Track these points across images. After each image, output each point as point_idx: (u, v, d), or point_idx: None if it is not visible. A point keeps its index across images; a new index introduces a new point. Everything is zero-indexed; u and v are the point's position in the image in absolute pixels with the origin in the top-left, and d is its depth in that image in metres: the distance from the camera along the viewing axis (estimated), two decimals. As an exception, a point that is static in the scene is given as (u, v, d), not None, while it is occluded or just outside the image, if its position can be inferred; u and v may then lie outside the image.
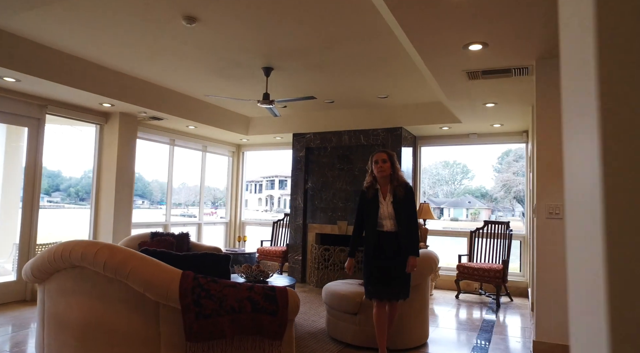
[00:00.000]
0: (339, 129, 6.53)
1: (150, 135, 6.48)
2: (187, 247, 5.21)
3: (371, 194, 3.19)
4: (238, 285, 2.41)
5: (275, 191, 23.32)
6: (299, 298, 2.52)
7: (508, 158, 22.58)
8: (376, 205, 3.15)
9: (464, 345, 3.76)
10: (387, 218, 3.12)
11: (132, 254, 2.47)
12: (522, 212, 21.77)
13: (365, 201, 3.23)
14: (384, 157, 3.18)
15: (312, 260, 6.53)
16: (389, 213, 3.12)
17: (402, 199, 3.11)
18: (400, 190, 3.13)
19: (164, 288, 2.31)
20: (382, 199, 3.16)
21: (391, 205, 3.12)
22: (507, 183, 22.65)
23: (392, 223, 3.11)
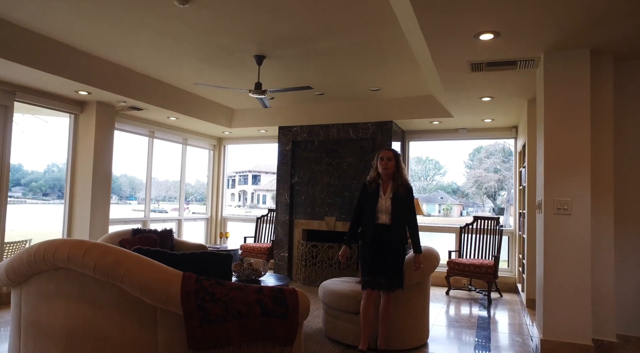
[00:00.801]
0: (327, 123, 6.36)
1: (128, 126, 6.12)
2: (171, 244, 4.94)
3: (372, 188, 3.31)
4: (245, 287, 2.22)
5: (248, 186, 22.98)
6: (308, 299, 2.36)
7: (479, 155, 23.06)
8: (375, 199, 3.26)
9: (465, 343, 3.69)
10: (384, 212, 3.23)
11: (126, 254, 2.23)
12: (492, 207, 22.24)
13: (366, 194, 3.32)
14: (389, 155, 3.29)
15: (299, 256, 6.36)
16: (386, 208, 3.23)
17: (402, 198, 3.23)
18: (402, 190, 3.25)
19: (163, 292, 2.09)
20: (382, 194, 3.26)
21: (389, 201, 3.23)
22: (478, 179, 23.10)
23: (387, 217, 3.22)
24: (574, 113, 3.06)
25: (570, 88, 3.08)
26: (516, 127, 6.08)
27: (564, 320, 2.97)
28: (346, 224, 6.16)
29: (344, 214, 6.22)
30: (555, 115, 3.11)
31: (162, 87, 5.48)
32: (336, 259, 5.98)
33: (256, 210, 20.03)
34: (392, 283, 3.16)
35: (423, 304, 3.54)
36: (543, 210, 3.12)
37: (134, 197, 13.76)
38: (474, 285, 5.85)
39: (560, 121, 3.09)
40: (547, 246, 3.06)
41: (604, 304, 3.05)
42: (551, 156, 3.10)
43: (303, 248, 6.28)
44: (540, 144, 3.30)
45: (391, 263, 3.17)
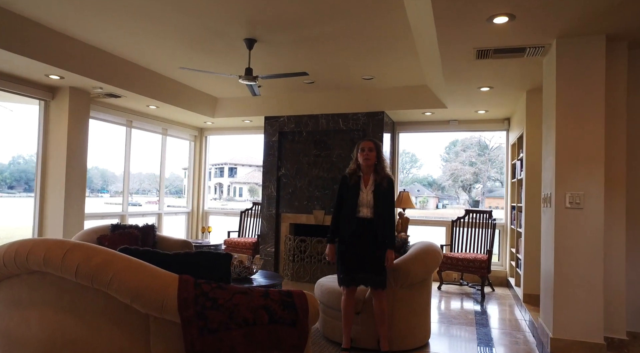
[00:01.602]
0: (316, 113, 6.13)
1: (104, 115, 5.71)
2: (153, 241, 4.62)
3: (353, 181, 3.16)
4: (250, 291, 1.99)
5: (224, 178, 22.52)
6: (318, 303, 2.15)
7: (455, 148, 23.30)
8: (356, 192, 3.12)
9: (467, 341, 3.58)
10: (366, 205, 3.10)
11: (114, 255, 1.96)
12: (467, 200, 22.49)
13: (346, 188, 3.18)
14: (370, 146, 3.15)
15: (286, 252, 6.14)
16: (368, 201, 3.10)
17: (384, 191, 3.10)
18: (384, 183, 3.12)
19: (158, 298, 1.84)
20: (363, 187, 3.13)
21: (371, 194, 3.10)
22: (454, 172, 23.32)
23: (369, 211, 3.09)
24: (587, 103, 2.94)
25: (584, 76, 2.95)
26: (508, 119, 6.01)
27: (576, 318, 2.88)
28: (336, 218, 5.97)
29: (333, 208, 6.01)
30: (568, 105, 2.98)
31: (142, 73, 5.11)
32: (324, 255, 5.79)
33: (233, 203, 19.62)
34: (374, 280, 3.01)
35: (426, 302, 3.40)
36: (554, 204, 3.00)
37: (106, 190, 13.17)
38: (466, 279, 5.79)
39: (573, 111, 2.96)
40: (558, 242, 2.95)
41: (614, 301, 2.97)
42: (563, 148, 2.98)
43: (291, 243, 6.06)
44: (550, 136, 3.18)
45: (373, 258, 3.03)
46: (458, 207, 21.36)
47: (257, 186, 20.37)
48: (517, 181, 5.20)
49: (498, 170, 19.84)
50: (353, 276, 3.06)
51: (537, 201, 4.37)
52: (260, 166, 18.30)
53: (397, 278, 3.14)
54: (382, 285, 3.02)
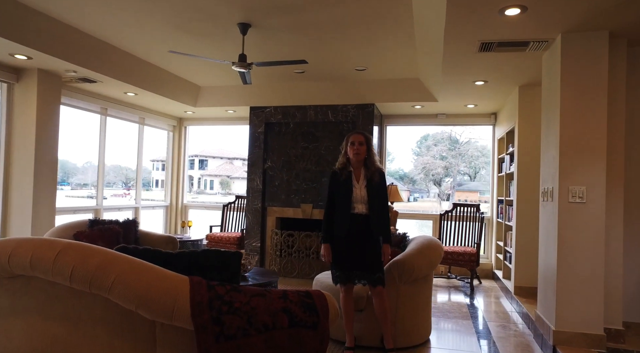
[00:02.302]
0: (304, 104, 5.95)
1: (76, 101, 5.32)
2: (135, 237, 4.35)
3: (344, 176, 3.02)
4: (268, 293, 1.83)
5: (195, 171, 21.99)
6: (336, 304, 2.01)
7: (427, 142, 23.71)
8: (349, 187, 3.00)
9: (466, 335, 3.55)
10: (360, 201, 2.99)
11: (113, 256, 1.75)
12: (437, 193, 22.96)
13: (337, 183, 3.04)
14: (361, 139, 3.02)
15: (273, 246, 5.97)
16: (362, 197, 2.98)
17: (376, 185, 3.00)
18: (376, 176, 3.03)
19: (168, 303, 1.65)
20: (356, 182, 3.01)
21: (365, 189, 2.99)
22: (426, 166, 23.77)
23: (364, 207, 2.97)
24: (590, 97, 2.93)
25: (588, 71, 2.94)
26: (495, 114, 6.04)
27: (578, 310, 2.88)
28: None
29: (321, 202, 5.89)
30: (572, 99, 2.96)
31: (122, 56, 4.77)
32: (314, 249, 5.67)
33: (204, 196, 19.16)
34: (372, 277, 2.89)
35: (428, 298, 3.33)
36: (557, 199, 2.98)
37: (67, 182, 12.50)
38: (453, 272, 5.81)
39: (577, 105, 2.94)
40: (562, 236, 2.93)
41: (613, 292, 3.00)
42: (567, 142, 2.96)
43: (278, 238, 5.89)
44: (551, 130, 3.16)
45: (369, 256, 2.92)
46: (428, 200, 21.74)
47: (229, 179, 19.98)
48: (505, 175, 5.23)
49: (467, 164, 20.29)
50: (348, 273, 2.95)
51: (529, 195, 4.39)
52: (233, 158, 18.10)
53: (401, 273, 3.05)
54: (381, 282, 2.91)
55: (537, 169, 4.36)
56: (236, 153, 19.35)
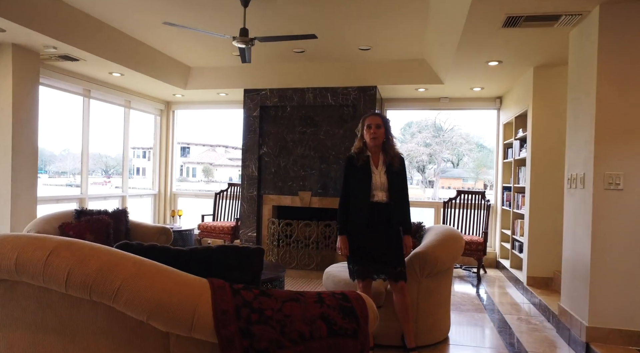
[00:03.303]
0: (302, 86, 5.63)
1: (56, 81, 4.88)
2: (126, 228, 4.02)
3: (361, 161, 2.79)
4: (302, 296, 1.56)
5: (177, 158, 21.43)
6: (375, 306, 1.77)
7: (411, 129, 23.69)
8: (367, 174, 2.76)
9: (485, 330, 3.37)
10: (379, 188, 2.76)
11: (117, 256, 1.46)
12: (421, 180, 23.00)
13: (354, 169, 2.79)
14: (378, 122, 2.79)
15: (270, 236, 5.70)
16: (382, 184, 2.75)
17: (397, 172, 2.79)
18: (396, 162, 2.80)
19: (187, 313, 1.38)
20: (374, 168, 2.78)
21: (385, 176, 2.76)
22: (410, 153, 23.75)
23: (384, 195, 2.76)
24: (634, 75, 2.71)
25: (630, 46, 2.72)
26: (500, 98, 5.84)
27: (614, 305, 2.72)
28: (323, 199, 5.60)
29: (320, 189, 5.63)
30: (611, 78, 2.74)
31: (107, 32, 4.35)
32: (313, 239, 5.42)
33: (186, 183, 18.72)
34: (393, 272, 2.67)
35: (448, 292, 3.13)
36: (590, 186, 2.79)
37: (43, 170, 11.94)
38: (458, 262, 5.65)
39: (617, 84, 2.73)
40: (597, 226, 2.75)
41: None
42: (604, 125, 2.75)
43: (275, 227, 5.62)
44: (583, 112, 2.94)
45: (391, 248, 2.71)
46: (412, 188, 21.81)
47: (211, 167, 19.55)
48: (513, 161, 5.05)
49: (451, 151, 20.33)
50: (367, 267, 2.71)
51: (544, 182, 4.22)
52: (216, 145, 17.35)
53: (423, 266, 2.83)
54: (404, 277, 2.69)
55: (553, 154, 4.18)
56: (219, 139, 18.87)
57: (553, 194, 4.18)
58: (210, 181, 18.64)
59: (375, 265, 2.71)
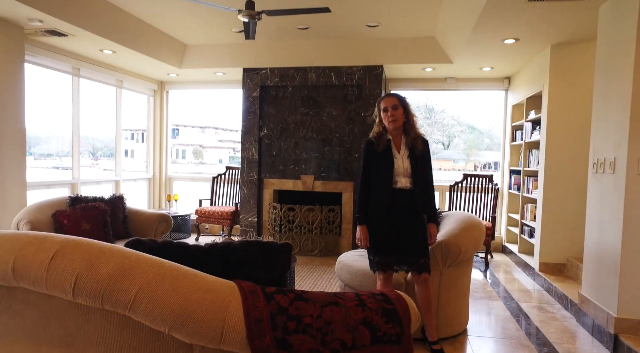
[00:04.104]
0: (304, 65, 5.38)
1: (41, 59, 4.55)
2: (124, 215, 3.80)
3: (382, 146, 2.60)
4: (341, 299, 1.39)
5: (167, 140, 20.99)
6: (415, 306, 1.60)
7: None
8: (389, 159, 2.58)
9: (502, 320, 3.26)
10: (402, 174, 2.58)
11: (132, 258, 1.26)
12: None
13: (374, 155, 2.61)
14: (394, 102, 2.58)
15: (271, 221, 5.53)
16: (405, 169, 2.58)
17: (420, 155, 2.60)
18: (419, 144, 2.61)
19: (215, 323, 1.20)
20: (396, 152, 2.60)
21: (407, 160, 2.58)
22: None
23: (407, 181, 2.58)
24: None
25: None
26: (509, 78, 5.65)
27: (645, 295, 2.61)
28: (327, 183, 5.43)
29: (324, 173, 5.44)
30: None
31: (98, 5, 4.03)
32: (317, 224, 5.26)
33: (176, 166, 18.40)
34: (417, 263, 2.51)
35: (468, 281, 3.00)
36: (623, 171, 2.64)
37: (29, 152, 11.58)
38: (463, 246, 5.55)
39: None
40: (629, 213, 2.61)
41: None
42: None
43: (277, 212, 5.44)
44: (616, 92, 2.77)
45: (415, 237, 2.55)
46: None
47: (201, 149, 19.22)
48: (524, 143, 4.90)
49: (442, 133, 20.24)
50: (389, 258, 2.55)
51: (560, 166, 4.08)
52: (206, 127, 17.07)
53: (446, 256, 2.68)
54: (427, 269, 2.54)
55: (570, 137, 4.04)
56: (209, 121, 18.50)
57: (569, 178, 4.05)
58: (200, 163, 18.35)
59: (397, 256, 2.55)
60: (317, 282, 4.10)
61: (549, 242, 4.14)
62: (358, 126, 5.32)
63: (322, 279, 4.22)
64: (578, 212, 4.07)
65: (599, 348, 2.74)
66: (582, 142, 4.02)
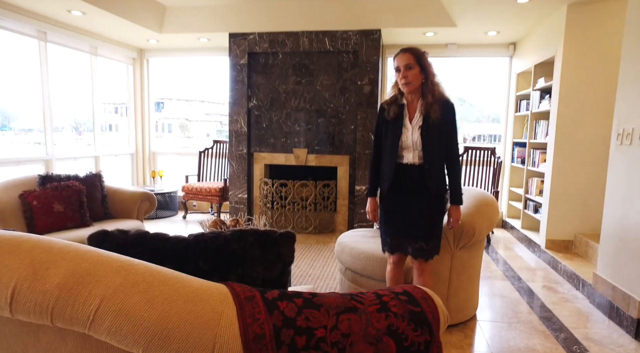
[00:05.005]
0: (295, 29, 4.96)
1: (3, 20, 4.06)
2: (102, 195, 3.47)
3: (393, 113, 2.27)
4: (359, 304, 1.12)
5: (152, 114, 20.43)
6: (444, 306, 1.35)
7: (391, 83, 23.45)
8: (397, 130, 2.25)
9: (513, 302, 3.08)
10: (411, 147, 2.24)
11: (96, 260, 0.97)
12: None
13: (384, 123, 2.32)
14: (408, 61, 2.17)
15: (262, 198, 5.24)
16: (414, 142, 2.22)
17: (437, 123, 2.18)
18: (435, 109, 2.18)
19: (203, 342, 0.92)
20: (408, 121, 2.25)
21: (418, 131, 2.21)
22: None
23: (416, 155, 2.23)
24: None
25: None
26: (514, 44, 5.32)
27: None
28: (321, 157, 5.13)
29: (318, 146, 5.13)
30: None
31: (58, -45, 3.55)
32: (311, 200, 4.99)
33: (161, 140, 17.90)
34: (422, 250, 2.25)
35: (479, 264, 2.78)
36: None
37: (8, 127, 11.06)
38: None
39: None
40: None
41: None
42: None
43: (268, 188, 5.15)
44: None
45: (423, 221, 2.25)
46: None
47: (187, 122, 18.67)
48: (530, 114, 4.63)
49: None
50: (396, 240, 2.31)
51: (572, 138, 3.83)
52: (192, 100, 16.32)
53: (459, 237, 2.44)
54: (424, 255, 2.27)
55: (586, 107, 3.78)
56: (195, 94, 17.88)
57: (581, 151, 3.82)
58: (187, 137, 17.86)
59: (403, 239, 2.30)
60: (313, 263, 3.87)
61: (556, 218, 3.94)
62: (354, 96, 4.98)
63: (318, 259, 3.98)
64: (588, 186, 3.87)
65: (619, 333, 2.57)
66: (598, 111, 3.77)
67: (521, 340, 2.48)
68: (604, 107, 3.75)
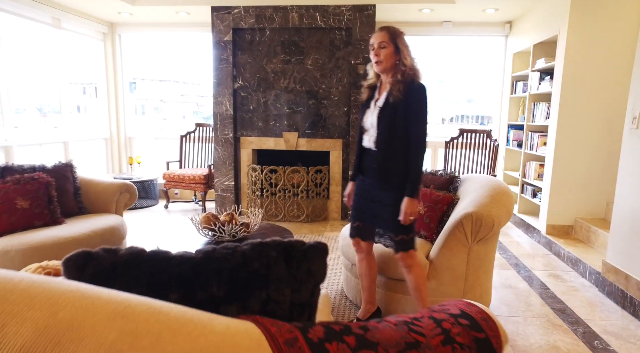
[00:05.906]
0: (284, 3, 4.60)
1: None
2: (75, 186, 3.12)
3: (366, 94, 2.21)
4: (421, 336, 0.90)
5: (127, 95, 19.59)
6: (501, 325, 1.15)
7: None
8: (364, 112, 2.20)
9: (523, 293, 2.95)
10: (370, 130, 2.14)
11: (76, 303, 0.69)
12: None
13: (362, 106, 2.24)
14: (381, 39, 2.04)
15: (251, 185, 4.96)
16: (372, 123, 2.12)
17: (394, 104, 2.02)
18: (398, 88, 2.01)
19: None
20: (373, 103, 2.14)
21: (377, 111, 2.09)
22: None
23: (372, 139, 2.12)
24: None
25: None
26: (511, 22, 5.11)
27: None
28: (313, 141, 4.87)
29: (309, 129, 4.86)
30: None
31: None
32: (302, 187, 4.74)
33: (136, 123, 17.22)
34: (393, 241, 2.13)
35: (494, 257, 2.61)
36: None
37: None
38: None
39: None
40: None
41: None
42: None
43: (257, 174, 4.86)
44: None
45: (384, 210, 2.09)
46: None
47: (162, 103, 18.02)
48: (528, 95, 4.47)
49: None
50: (357, 225, 2.26)
51: (575, 121, 3.70)
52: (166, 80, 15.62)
53: (477, 230, 2.25)
54: (405, 246, 2.09)
55: (590, 88, 3.64)
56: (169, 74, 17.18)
57: (584, 134, 3.69)
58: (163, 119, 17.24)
59: (368, 226, 2.25)
60: (309, 254, 3.64)
61: (557, 203, 3.84)
62: (347, 76, 4.70)
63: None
64: (590, 171, 3.77)
65: (636, 325, 2.47)
66: (603, 94, 3.63)
67: (540, 336, 2.35)
68: (610, 89, 3.61)
